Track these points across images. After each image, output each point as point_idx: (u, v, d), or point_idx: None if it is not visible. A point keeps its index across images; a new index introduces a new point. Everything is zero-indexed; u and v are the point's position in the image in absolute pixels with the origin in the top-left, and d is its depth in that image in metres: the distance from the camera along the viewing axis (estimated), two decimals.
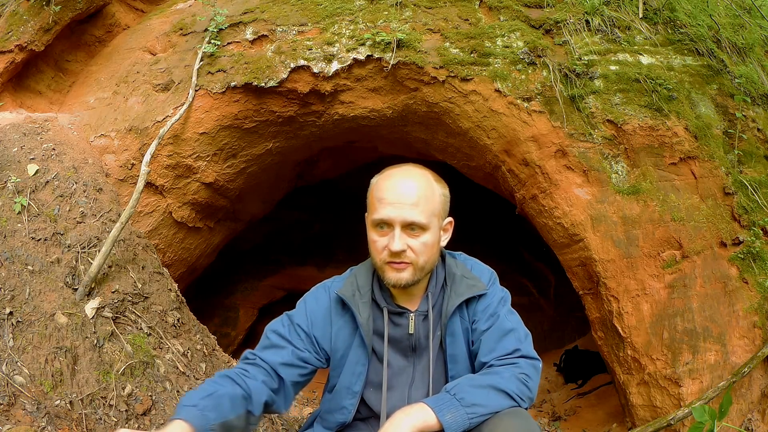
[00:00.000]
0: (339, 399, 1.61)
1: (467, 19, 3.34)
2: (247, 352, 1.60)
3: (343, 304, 1.60)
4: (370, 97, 3.37)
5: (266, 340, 1.61)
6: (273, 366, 1.54)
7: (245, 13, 3.50)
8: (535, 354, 1.55)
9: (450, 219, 1.61)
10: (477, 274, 1.65)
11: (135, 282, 2.86)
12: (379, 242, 1.49)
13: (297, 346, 1.58)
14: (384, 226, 1.48)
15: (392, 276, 1.49)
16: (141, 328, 2.73)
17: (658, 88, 3.13)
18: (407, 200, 1.46)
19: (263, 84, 3.25)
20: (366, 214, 1.58)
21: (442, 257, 1.67)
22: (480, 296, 1.59)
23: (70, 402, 2.23)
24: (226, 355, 3.26)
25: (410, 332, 1.58)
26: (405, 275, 1.49)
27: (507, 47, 3.22)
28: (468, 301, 1.58)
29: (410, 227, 1.47)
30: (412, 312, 1.59)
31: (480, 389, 1.40)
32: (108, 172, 3.35)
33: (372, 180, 1.58)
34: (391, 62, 3.16)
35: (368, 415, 1.62)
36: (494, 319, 1.56)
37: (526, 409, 1.45)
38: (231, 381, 1.47)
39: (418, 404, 1.38)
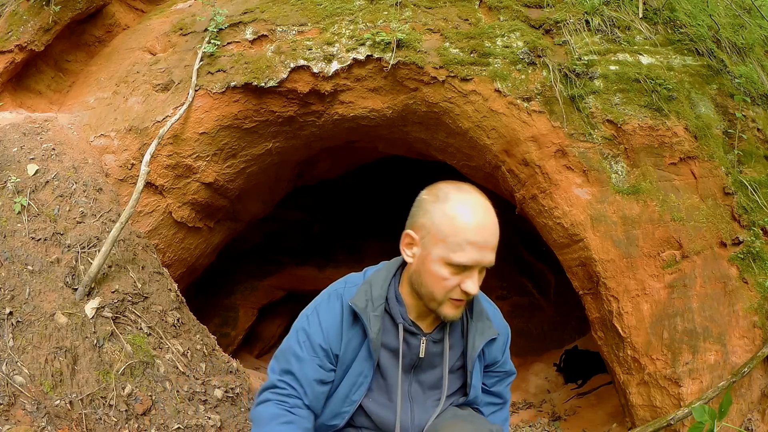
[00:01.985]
0: (334, 406, 1.59)
1: (467, 19, 3.34)
2: (285, 379, 1.57)
3: (355, 315, 1.56)
4: (370, 97, 3.37)
5: (294, 364, 1.57)
6: (312, 400, 1.56)
7: (245, 13, 3.50)
8: None
9: None
10: (486, 305, 1.68)
11: (135, 282, 2.86)
12: (450, 280, 1.42)
13: (324, 367, 1.56)
14: (463, 267, 1.41)
15: (451, 312, 1.47)
16: (141, 328, 2.73)
17: (658, 88, 3.13)
18: (491, 243, 1.41)
19: (263, 84, 3.25)
20: (423, 239, 1.45)
21: None
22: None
23: (70, 402, 2.23)
24: (226, 355, 3.26)
25: (421, 356, 1.57)
26: (461, 309, 1.51)
27: (507, 47, 3.22)
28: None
29: (483, 269, 1.45)
30: (424, 336, 1.57)
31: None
32: (108, 172, 3.35)
33: (438, 206, 1.43)
34: (391, 62, 3.16)
35: (365, 425, 1.61)
36: (505, 357, 1.72)
37: None
38: None
39: None
